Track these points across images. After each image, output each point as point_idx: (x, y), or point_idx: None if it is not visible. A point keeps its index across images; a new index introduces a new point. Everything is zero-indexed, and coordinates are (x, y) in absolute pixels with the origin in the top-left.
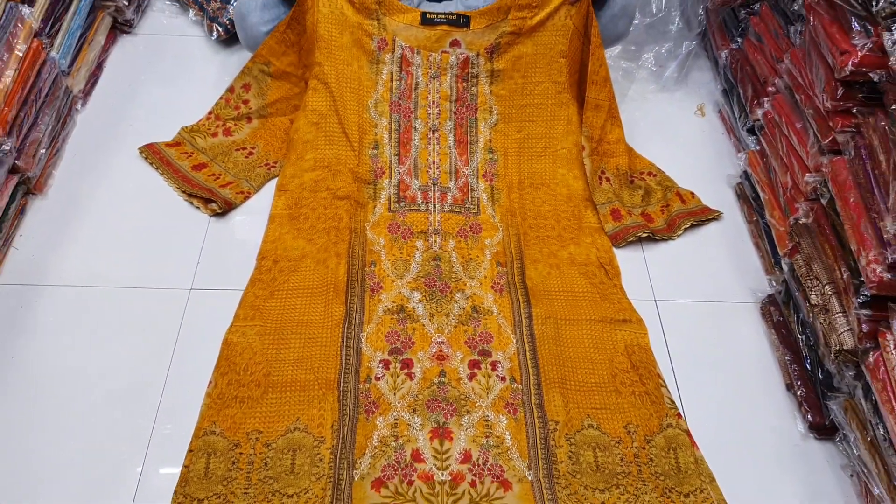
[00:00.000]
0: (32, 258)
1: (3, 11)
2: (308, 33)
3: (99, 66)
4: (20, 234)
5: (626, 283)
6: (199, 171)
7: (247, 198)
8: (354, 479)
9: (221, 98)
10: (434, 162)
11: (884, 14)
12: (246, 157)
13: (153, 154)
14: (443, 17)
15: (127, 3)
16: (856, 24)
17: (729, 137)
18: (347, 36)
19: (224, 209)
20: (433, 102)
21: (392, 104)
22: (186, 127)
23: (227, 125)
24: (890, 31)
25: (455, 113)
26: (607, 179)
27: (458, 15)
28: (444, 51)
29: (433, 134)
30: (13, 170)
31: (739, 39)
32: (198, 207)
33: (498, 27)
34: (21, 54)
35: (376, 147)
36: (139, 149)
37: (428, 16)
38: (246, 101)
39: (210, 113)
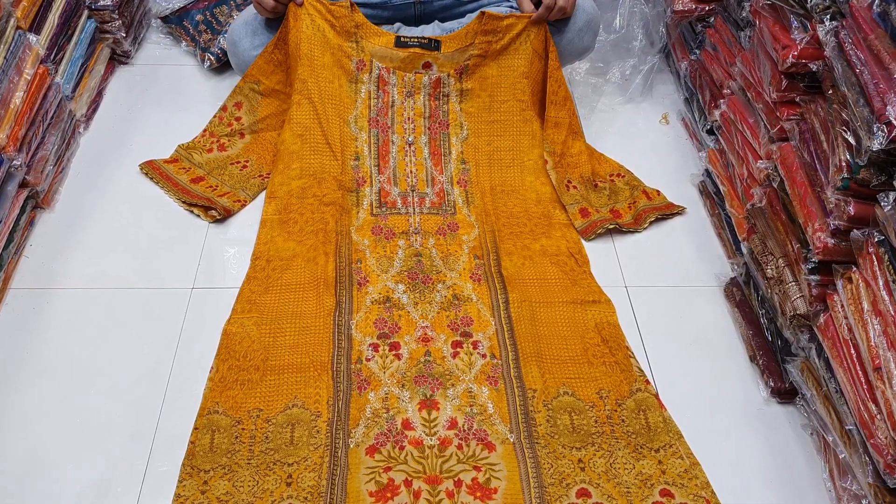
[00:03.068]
0: (42, 265)
1: (13, 38)
2: (291, 51)
3: (99, 94)
4: (30, 243)
5: (598, 273)
6: (197, 184)
7: (243, 205)
8: (350, 446)
9: (215, 116)
10: (411, 172)
11: (818, 9)
12: (240, 170)
13: (153, 170)
14: (415, 40)
15: (124, 36)
16: (794, 21)
17: (692, 141)
18: (329, 56)
19: (223, 216)
20: (408, 119)
21: (370, 120)
22: (183, 144)
23: (220, 141)
24: (823, 23)
25: (429, 128)
26: (574, 187)
27: (430, 39)
28: (417, 71)
29: (409, 147)
30: (23, 184)
31: (697, 51)
32: (198, 215)
33: (466, 50)
34: (29, 78)
35: (357, 159)
36: (140, 165)
37: (402, 39)
38: (238, 118)
39: (205, 130)
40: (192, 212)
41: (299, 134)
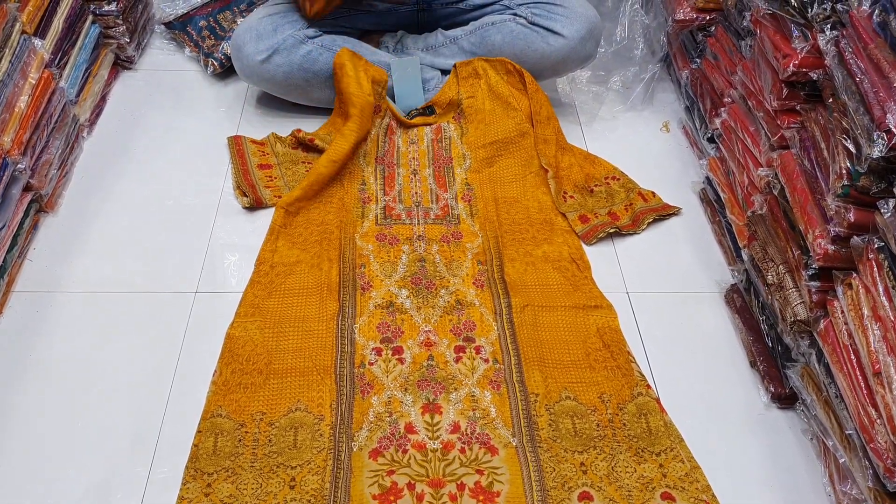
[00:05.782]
0: (46, 268)
1: (18, 43)
2: (343, 96)
3: (103, 98)
4: (34, 247)
5: (600, 278)
6: (261, 170)
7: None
8: (353, 450)
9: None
10: (416, 192)
11: (818, 18)
12: (306, 170)
13: (235, 144)
14: (414, 112)
15: (128, 41)
16: (795, 30)
17: (692, 149)
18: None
19: (252, 205)
20: (413, 159)
21: (377, 158)
22: (275, 134)
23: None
24: (823, 32)
25: (433, 162)
26: (571, 196)
27: (425, 107)
28: (419, 126)
29: (415, 176)
30: (27, 188)
31: (698, 60)
32: (237, 197)
33: (457, 97)
34: (34, 82)
35: (363, 184)
36: (227, 138)
37: (411, 114)
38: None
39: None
40: (235, 193)
41: (333, 160)
